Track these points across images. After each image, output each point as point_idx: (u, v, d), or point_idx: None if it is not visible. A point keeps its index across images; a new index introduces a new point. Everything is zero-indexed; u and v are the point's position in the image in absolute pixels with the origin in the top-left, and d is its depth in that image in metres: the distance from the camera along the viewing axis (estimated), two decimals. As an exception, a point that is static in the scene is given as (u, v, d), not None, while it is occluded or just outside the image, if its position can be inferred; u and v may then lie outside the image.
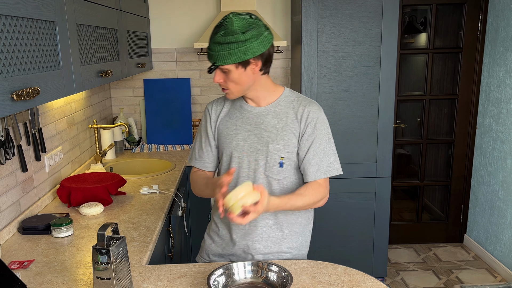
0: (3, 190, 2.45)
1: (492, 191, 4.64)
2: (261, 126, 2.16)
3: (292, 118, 2.16)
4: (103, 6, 2.73)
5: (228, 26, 1.95)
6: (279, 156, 2.14)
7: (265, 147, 2.14)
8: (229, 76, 2.03)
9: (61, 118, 3.28)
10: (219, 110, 2.26)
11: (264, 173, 2.16)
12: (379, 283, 1.92)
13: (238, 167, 2.19)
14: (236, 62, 1.98)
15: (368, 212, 4.17)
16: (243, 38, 1.95)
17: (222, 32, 1.96)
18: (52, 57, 1.93)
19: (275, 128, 2.15)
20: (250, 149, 2.16)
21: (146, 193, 3.13)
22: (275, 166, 2.15)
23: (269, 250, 2.23)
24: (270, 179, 2.17)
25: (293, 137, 2.15)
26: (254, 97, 2.17)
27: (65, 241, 2.41)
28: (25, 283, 1.93)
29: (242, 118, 2.19)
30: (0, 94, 1.48)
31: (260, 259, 2.22)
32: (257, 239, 2.21)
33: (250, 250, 2.23)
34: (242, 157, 2.17)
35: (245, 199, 1.82)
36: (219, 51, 1.96)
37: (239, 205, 1.82)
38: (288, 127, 2.15)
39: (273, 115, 2.17)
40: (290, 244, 2.26)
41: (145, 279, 1.98)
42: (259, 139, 2.15)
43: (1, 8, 1.50)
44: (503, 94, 4.42)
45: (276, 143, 2.13)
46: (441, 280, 4.42)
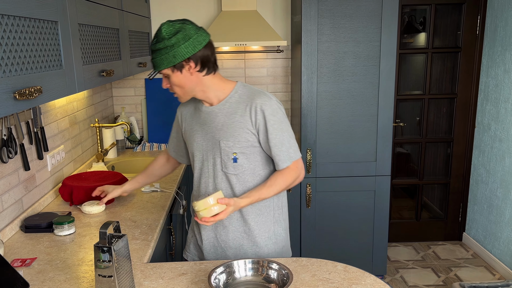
0: (5, 189, 2.45)
1: (491, 189, 4.64)
2: (213, 124, 2.23)
3: (242, 113, 2.19)
4: (105, 6, 2.72)
5: (158, 34, 2.08)
6: (231, 152, 2.20)
7: (217, 144, 2.21)
8: (171, 80, 2.14)
9: (63, 117, 3.28)
10: (184, 111, 2.39)
11: (221, 170, 2.24)
12: (378, 281, 1.92)
13: (200, 165, 2.29)
14: (170, 66, 2.08)
15: (367, 210, 4.17)
16: (169, 43, 2.05)
17: (154, 40, 2.09)
18: (54, 57, 1.93)
19: (225, 126, 2.20)
20: (207, 148, 2.25)
21: (148, 192, 3.13)
22: (230, 162, 2.21)
23: (238, 243, 2.31)
24: (228, 175, 2.24)
25: (243, 132, 2.18)
26: (205, 97, 2.24)
27: (67, 239, 2.41)
28: (27, 281, 1.93)
29: (199, 119, 2.29)
30: (2, 93, 1.48)
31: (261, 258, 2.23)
32: (224, 231, 2.30)
33: (220, 242, 2.32)
34: (202, 155, 2.28)
35: (214, 208, 2.00)
36: (154, 57, 2.10)
37: (208, 214, 2.00)
38: (237, 122, 2.19)
39: (222, 113, 2.22)
40: (261, 233, 2.32)
41: (146, 276, 1.98)
42: (212, 138, 2.23)
43: (3, 8, 1.50)
44: (501, 93, 4.42)
45: (226, 140, 2.19)
46: (440, 278, 4.42)
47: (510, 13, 4.24)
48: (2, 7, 1.49)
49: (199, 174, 2.31)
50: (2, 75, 1.50)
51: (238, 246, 2.30)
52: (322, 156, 4.03)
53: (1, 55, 1.49)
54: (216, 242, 2.32)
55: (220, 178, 2.24)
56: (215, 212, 1.99)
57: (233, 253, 2.31)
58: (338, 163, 4.07)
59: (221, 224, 2.28)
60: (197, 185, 2.33)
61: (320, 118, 3.99)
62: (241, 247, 2.31)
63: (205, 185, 2.28)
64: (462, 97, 4.91)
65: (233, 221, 2.28)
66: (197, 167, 2.30)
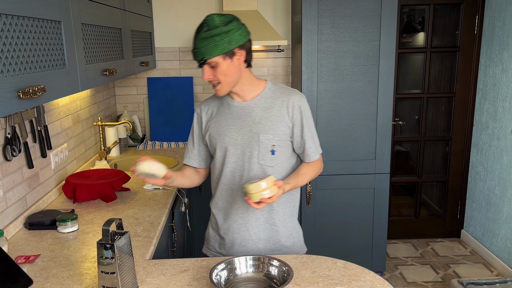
0: (9, 186, 2.45)
1: (489, 187, 4.64)
2: (250, 118, 2.24)
3: (278, 107, 2.25)
4: (107, 6, 2.72)
5: (210, 23, 2.06)
6: (270, 144, 2.23)
7: (256, 137, 2.22)
8: (218, 70, 2.11)
9: (66, 115, 3.28)
10: (208, 110, 2.35)
11: (258, 162, 2.24)
12: (378, 277, 1.92)
13: (235, 159, 2.26)
14: (223, 53, 2.07)
15: (367, 208, 4.17)
16: (225, 29, 2.05)
17: (205, 29, 2.06)
18: (57, 56, 1.93)
19: (263, 119, 2.23)
20: (243, 141, 2.24)
21: (150, 189, 3.13)
22: (268, 155, 2.23)
23: (266, 235, 2.34)
24: (264, 167, 2.25)
25: (281, 126, 2.24)
26: (240, 91, 2.25)
27: (70, 236, 2.41)
28: (31, 278, 1.93)
29: (231, 114, 2.27)
30: (6, 92, 1.48)
31: (262, 254, 2.23)
32: (256, 223, 2.32)
33: (251, 235, 2.32)
34: (237, 150, 2.25)
35: (265, 192, 1.98)
36: (205, 45, 2.05)
37: (259, 197, 1.98)
38: (275, 116, 2.24)
39: (260, 107, 2.25)
40: (286, 224, 2.38)
41: (148, 273, 1.98)
42: (250, 131, 2.23)
43: (7, 8, 1.50)
44: (499, 92, 4.41)
45: (266, 132, 2.22)
46: (438, 275, 4.42)
47: (507, 13, 4.24)
48: (6, 7, 1.49)
49: (233, 168, 2.27)
50: (6, 74, 1.50)
51: (267, 238, 2.33)
52: (322, 154, 4.02)
53: (5, 54, 1.49)
54: (246, 235, 2.31)
55: (256, 171, 2.24)
56: (266, 195, 1.99)
57: (262, 246, 2.32)
58: (338, 161, 4.06)
59: (252, 215, 2.30)
60: (231, 180, 2.29)
61: (320, 117, 3.98)
62: (270, 239, 2.33)
63: (239, 179, 2.27)
64: (461, 96, 4.91)
65: (264, 212, 2.30)
66: (229, 161, 2.27)
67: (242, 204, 2.28)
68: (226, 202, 2.32)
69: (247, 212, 2.29)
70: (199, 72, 4.66)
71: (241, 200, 2.28)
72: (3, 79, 1.46)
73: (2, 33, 1.48)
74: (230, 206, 2.31)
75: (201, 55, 2.07)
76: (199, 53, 2.07)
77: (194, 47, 2.09)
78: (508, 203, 4.32)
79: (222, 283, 1.84)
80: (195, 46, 2.08)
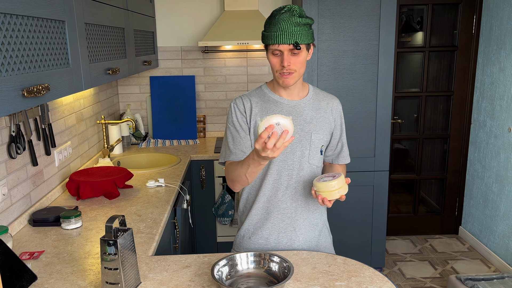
0: (14, 184, 2.45)
1: (486, 184, 4.64)
2: (302, 117, 2.19)
3: (324, 109, 2.25)
4: (110, 6, 2.72)
5: (299, 11, 2.02)
6: (320, 144, 2.22)
7: (308, 137, 2.18)
8: (298, 58, 2.05)
9: (70, 114, 3.28)
10: (249, 105, 2.21)
11: (308, 161, 2.20)
12: (377, 273, 1.92)
13: (284, 158, 2.18)
14: (310, 43, 2.06)
15: (366, 204, 4.17)
16: (311, 22, 2.05)
17: (297, 15, 2.00)
18: (61, 55, 1.92)
19: (314, 119, 2.21)
20: (294, 140, 2.17)
21: (152, 187, 3.13)
22: (317, 155, 2.23)
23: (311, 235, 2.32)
24: (313, 167, 2.23)
25: (328, 127, 2.25)
26: (294, 88, 2.19)
27: (74, 232, 2.41)
28: (35, 273, 1.93)
29: (281, 111, 2.18)
30: (11, 91, 1.47)
31: (263, 250, 2.23)
32: (304, 223, 2.28)
33: (295, 233, 2.28)
34: (287, 148, 2.16)
35: (341, 190, 1.99)
36: (299, 31, 1.99)
37: (337, 196, 1.98)
38: (323, 118, 2.23)
39: (309, 107, 2.22)
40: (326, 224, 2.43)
41: (151, 269, 1.98)
42: (301, 130, 2.18)
43: (12, 8, 1.50)
44: (496, 91, 4.41)
45: (317, 132, 2.20)
46: (437, 271, 4.42)
47: (505, 12, 4.23)
48: (11, 6, 1.49)
49: (281, 167, 2.19)
50: (11, 73, 1.49)
51: (311, 238, 2.30)
52: (322, 152, 4.02)
53: (10, 53, 1.49)
54: (293, 235, 2.25)
55: (306, 170, 2.20)
56: (337, 196, 1.98)
57: (307, 246, 2.29)
58: (338, 158, 4.06)
59: (300, 215, 2.25)
60: (277, 178, 2.20)
61: (320, 115, 3.97)
62: (313, 239, 2.31)
63: (287, 178, 2.19)
64: (458, 94, 4.90)
65: (310, 213, 2.28)
66: (278, 159, 2.17)
67: (291, 204, 2.21)
68: (269, 202, 2.23)
69: (295, 212, 2.23)
70: (201, 71, 4.66)
71: (289, 199, 2.21)
72: (7, 77, 1.46)
73: (7, 32, 1.48)
74: (276, 206, 2.22)
75: (295, 38, 1.98)
76: (292, 36, 1.98)
77: (283, 30, 1.98)
78: (505, 200, 4.31)
79: (224, 279, 1.84)
80: (285, 28, 1.98)
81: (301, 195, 2.22)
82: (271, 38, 2.01)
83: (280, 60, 2.04)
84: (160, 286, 1.84)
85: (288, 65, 2.03)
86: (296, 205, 2.22)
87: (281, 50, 2.02)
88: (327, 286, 1.82)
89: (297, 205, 2.23)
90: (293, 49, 2.01)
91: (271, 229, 2.24)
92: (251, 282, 1.86)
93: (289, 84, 2.10)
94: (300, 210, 2.23)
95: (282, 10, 2.01)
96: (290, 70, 2.05)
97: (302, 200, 2.23)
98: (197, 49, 4.62)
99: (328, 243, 2.41)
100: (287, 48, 2.01)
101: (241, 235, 2.32)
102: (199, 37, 4.58)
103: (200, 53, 4.63)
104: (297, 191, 2.21)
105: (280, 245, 2.26)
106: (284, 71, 2.05)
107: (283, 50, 2.01)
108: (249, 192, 2.30)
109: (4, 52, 1.46)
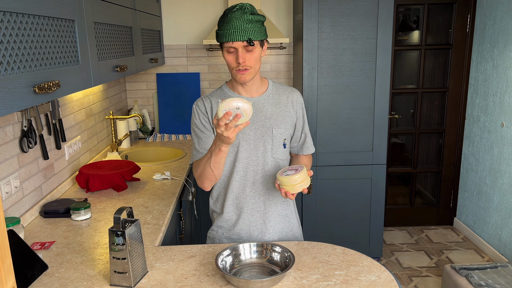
0: (26, 177, 2.45)
1: (480, 177, 4.63)
2: (262, 113, 2.18)
3: (285, 103, 2.24)
4: (119, 5, 2.71)
5: (251, 8, 2.01)
6: (282, 138, 2.21)
7: (270, 132, 2.18)
8: (253, 55, 2.04)
9: (80, 109, 3.28)
10: (209, 105, 2.20)
11: (271, 156, 2.20)
12: (375, 263, 1.91)
13: (248, 154, 2.18)
14: (263, 39, 2.07)
15: (364, 197, 4.17)
16: (263, 19, 2.06)
17: (249, 12, 1.99)
18: (71, 53, 1.92)
19: (274, 114, 2.20)
20: (256, 136, 2.17)
21: (159, 179, 3.13)
22: (280, 148, 2.22)
23: (280, 227, 2.32)
24: (277, 160, 2.23)
25: (290, 120, 2.24)
26: (252, 85, 2.18)
27: (83, 223, 2.41)
28: (46, 263, 1.94)
29: None
30: (23, 87, 1.47)
31: (265, 241, 2.23)
32: (273, 215, 2.28)
33: (266, 227, 2.28)
34: (250, 145, 2.18)
35: (304, 184, 1.97)
36: (251, 27, 1.99)
37: (299, 190, 1.97)
38: (283, 111, 2.23)
39: (269, 103, 2.21)
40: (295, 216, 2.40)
41: (157, 259, 1.98)
42: (262, 126, 2.18)
43: (24, 8, 1.49)
44: (490, 87, 4.39)
45: (278, 127, 2.19)
46: (432, 260, 4.42)
47: (498, 12, 4.22)
48: (23, 6, 1.49)
49: (246, 163, 2.19)
50: (23, 70, 1.49)
51: (281, 229, 2.31)
52: (322, 146, 4.02)
53: (22, 51, 1.49)
54: (263, 227, 2.26)
55: (270, 165, 2.20)
56: (299, 189, 1.97)
57: (277, 237, 2.30)
58: (337, 152, 4.06)
59: (269, 208, 2.26)
60: (243, 175, 2.20)
61: (320, 111, 3.98)
62: (283, 230, 2.32)
63: (253, 173, 2.20)
64: (453, 91, 4.89)
65: (278, 205, 2.28)
66: (242, 156, 2.18)
67: (259, 198, 2.23)
68: (238, 199, 2.24)
69: (264, 205, 2.24)
70: (205, 68, 4.65)
71: (257, 194, 2.22)
72: (19, 74, 1.46)
73: (19, 31, 1.47)
74: (245, 202, 2.23)
75: (248, 35, 1.98)
76: (246, 32, 1.98)
77: (236, 27, 1.97)
78: (498, 193, 4.31)
79: (228, 268, 1.84)
80: (238, 26, 1.97)
81: (268, 189, 2.24)
82: (225, 36, 2.01)
83: (235, 57, 2.04)
84: (166, 275, 1.84)
85: (243, 62, 2.03)
86: (265, 199, 2.24)
87: (235, 47, 2.02)
88: (326, 275, 1.82)
89: (265, 198, 2.24)
90: (247, 46, 2.01)
91: (242, 224, 2.26)
92: (253, 271, 1.86)
93: (245, 80, 2.10)
94: (268, 203, 2.25)
95: (234, 9, 2.01)
96: (245, 66, 2.05)
97: (270, 193, 2.24)
98: (201, 47, 4.61)
99: (298, 233, 2.40)
100: (241, 45, 2.01)
101: (215, 231, 2.34)
102: (203, 36, 4.58)
103: (204, 51, 4.62)
104: (264, 185, 2.22)
105: (252, 238, 2.27)
106: (240, 67, 2.05)
107: (237, 47, 2.01)
108: (219, 191, 2.31)
109: (16, 50, 1.45)
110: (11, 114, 2.34)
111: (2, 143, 2.24)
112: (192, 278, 1.81)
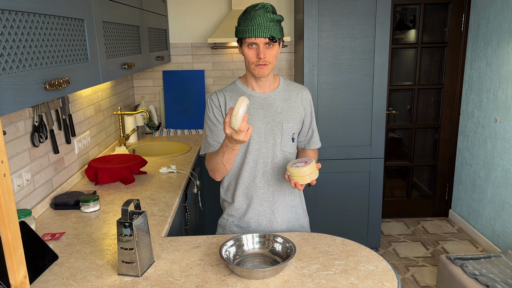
0: (37, 170, 2.45)
1: (474, 170, 4.62)
2: (273, 108, 2.20)
3: (294, 99, 2.26)
4: (126, 5, 2.70)
5: (272, 8, 2.06)
6: (291, 132, 2.23)
7: (280, 126, 2.20)
8: (272, 52, 2.07)
9: (89, 105, 3.28)
10: (223, 99, 2.21)
11: (281, 149, 2.22)
12: (373, 253, 1.91)
13: (258, 147, 2.20)
14: (281, 38, 2.10)
15: (363, 190, 4.16)
16: (282, 19, 2.10)
17: (270, 11, 2.04)
18: (81, 51, 1.92)
19: (284, 109, 2.22)
20: (266, 130, 2.19)
21: (165, 173, 3.13)
22: (289, 142, 2.24)
23: (288, 216, 2.34)
24: (286, 154, 2.25)
25: (298, 116, 2.26)
26: (266, 81, 2.20)
27: (92, 215, 2.41)
28: (56, 253, 1.94)
29: (254, 104, 2.19)
30: (34, 84, 1.47)
31: (267, 232, 2.23)
32: (282, 205, 2.30)
33: (274, 216, 2.30)
34: (260, 138, 2.19)
35: (312, 176, 1.98)
36: (273, 26, 2.03)
37: (308, 181, 1.98)
38: (293, 107, 2.24)
39: (279, 99, 2.23)
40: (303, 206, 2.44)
41: (164, 249, 1.98)
42: (273, 120, 2.19)
43: (35, 7, 1.49)
44: (484, 84, 4.38)
45: (287, 122, 2.21)
46: (428, 250, 4.41)
47: (491, 12, 4.20)
48: (34, 6, 1.48)
49: (256, 155, 2.21)
50: (34, 67, 1.49)
51: (289, 219, 2.32)
52: (322, 140, 4.01)
53: (33, 49, 1.48)
54: (271, 217, 2.28)
55: (279, 157, 2.22)
56: (308, 181, 1.98)
57: (285, 227, 2.32)
58: (337, 147, 4.05)
59: (277, 198, 2.27)
60: (253, 166, 2.22)
61: (321, 107, 3.97)
62: (290, 220, 2.33)
63: (263, 165, 2.21)
64: (448, 87, 4.88)
65: (286, 195, 2.30)
66: (253, 149, 2.20)
67: (268, 189, 2.24)
68: (248, 189, 2.25)
69: (272, 196, 2.26)
70: (210, 66, 4.64)
71: (266, 185, 2.23)
72: (31, 72, 1.46)
73: (30, 30, 1.47)
74: (255, 192, 2.24)
75: (270, 32, 2.02)
76: (268, 30, 2.02)
77: (259, 24, 2.01)
78: (491, 185, 4.30)
79: (231, 258, 1.84)
80: (261, 23, 2.01)
81: (277, 180, 2.25)
82: (248, 32, 2.03)
83: (256, 52, 2.07)
84: (172, 265, 1.84)
85: (264, 57, 2.05)
86: (273, 190, 2.25)
87: (257, 43, 2.05)
88: (326, 264, 1.81)
89: (274, 189, 2.25)
90: (268, 42, 2.04)
91: (251, 213, 2.28)
92: (256, 261, 1.86)
93: (263, 75, 2.11)
94: (277, 194, 2.27)
95: (257, 7, 2.04)
96: (265, 61, 2.07)
97: (278, 184, 2.26)
98: (206, 46, 4.60)
99: (305, 223, 2.43)
100: (262, 41, 2.04)
101: (225, 219, 2.35)
102: (208, 34, 4.57)
103: (209, 49, 4.61)
104: (273, 176, 2.24)
105: (260, 227, 2.29)
106: (260, 62, 2.07)
107: (259, 43, 2.04)
108: (229, 181, 2.32)
109: (28, 48, 1.45)
110: (23, 110, 2.33)
111: (14, 138, 2.24)
112: (197, 268, 1.81)
